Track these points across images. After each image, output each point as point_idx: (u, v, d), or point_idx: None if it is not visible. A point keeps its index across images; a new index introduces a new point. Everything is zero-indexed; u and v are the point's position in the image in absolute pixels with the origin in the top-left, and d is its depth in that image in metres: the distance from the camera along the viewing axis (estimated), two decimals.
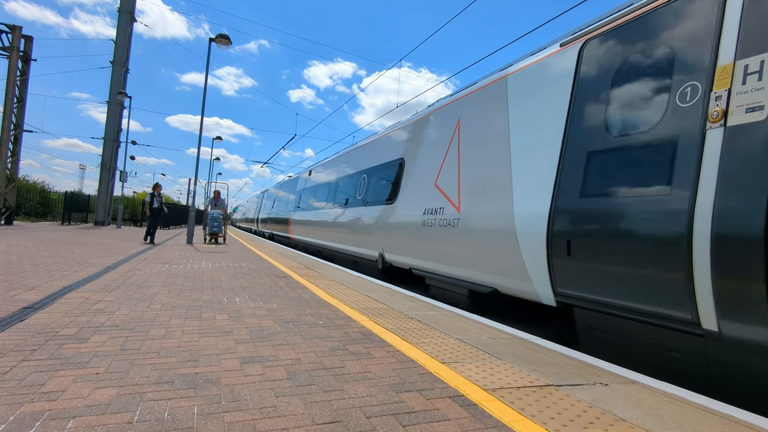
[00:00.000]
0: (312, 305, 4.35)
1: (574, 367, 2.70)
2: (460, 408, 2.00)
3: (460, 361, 2.71)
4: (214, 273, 6.50)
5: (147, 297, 4.32)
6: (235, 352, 2.69)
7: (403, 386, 2.24)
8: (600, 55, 3.95)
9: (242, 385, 2.15)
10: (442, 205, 5.94)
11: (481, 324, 3.87)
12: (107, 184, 22.47)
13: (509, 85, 5.08)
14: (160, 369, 2.31)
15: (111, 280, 5.19)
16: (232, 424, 1.72)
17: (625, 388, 2.38)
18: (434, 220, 6.04)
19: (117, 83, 22.07)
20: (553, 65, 4.48)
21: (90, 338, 2.81)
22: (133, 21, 22.63)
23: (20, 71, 18.16)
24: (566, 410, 2.02)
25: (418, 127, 7.38)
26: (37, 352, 2.48)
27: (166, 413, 1.79)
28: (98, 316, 3.39)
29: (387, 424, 1.79)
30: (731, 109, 2.79)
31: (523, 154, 4.58)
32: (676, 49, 3.27)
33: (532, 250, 4.14)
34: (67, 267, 6.11)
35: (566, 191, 3.90)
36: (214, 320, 3.50)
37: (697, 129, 2.97)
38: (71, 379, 2.09)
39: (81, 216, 26.31)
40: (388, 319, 3.85)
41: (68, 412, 1.74)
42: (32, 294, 4.08)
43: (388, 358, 2.71)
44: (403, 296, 5.24)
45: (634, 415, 2.00)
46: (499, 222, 4.68)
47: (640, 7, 3.65)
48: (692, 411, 2.08)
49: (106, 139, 22.37)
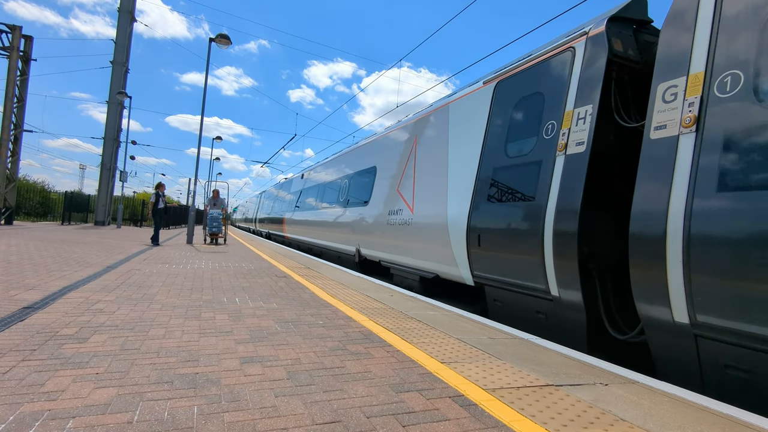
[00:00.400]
0: (312, 305, 4.35)
1: (574, 368, 2.70)
2: (460, 408, 2.00)
3: (460, 361, 2.71)
4: (214, 273, 6.50)
5: (147, 297, 4.32)
6: (234, 352, 2.69)
7: (403, 386, 2.24)
8: (504, 94, 5.20)
9: (242, 384, 2.15)
10: (401, 207, 7.22)
11: (481, 324, 3.88)
12: (107, 184, 22.47)
13: (450, 112, 6.28)
14: (159, 369, 2.31)
15: (111, 280, 5.19)
16: (232, 424, 1.72)
17: (624, 388, 2.38)
18: (395, 220, 7.34)
19: (117, 83, 22.07)
20: (478, 98, 5.67)
21: (90, 338, 2.80)
22: (133, 21, 22.63)
23: (20, 71, 18.16)
24: (566, 410, 2.02)
25: (388, 140, 8.58)
26: (37, 351, 2.48)
27: (165, 413, 1.79)
28: (98, 316, 3.40)
29: (387, 424, 1.79)
30: (569, 143, 4.03)
31: (456, 168, 5.82)
32: (545, 96, 4.51)
33: (458, 242, 5.38)
34: (67, 267, 6.11)
35: (479, 197, 5.16)
36: (214, 320, 3.50)
37: (553, 155, 4.18)
38: (71, 379, 2.09)
39: (81, 216, 26.31)
40: (388, 319, 3.85)
41: (68, 412, 1.74)
42: (32, 294, 4.08)
43: (388, 358, 2.71)
44: (403, 296, 5.24)
45: (634, 415, 2.00)
46: (438, 221, 5.92)
47: (527, 62, 4.92)
48: (692, 411, 2.08)
49: (106, 139, 22.37)
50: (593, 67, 3.98)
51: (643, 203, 3.16)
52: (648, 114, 3.32)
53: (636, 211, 3.18)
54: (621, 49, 3.96)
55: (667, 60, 3.28)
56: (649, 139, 3.25)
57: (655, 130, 3.23)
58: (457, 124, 6.03)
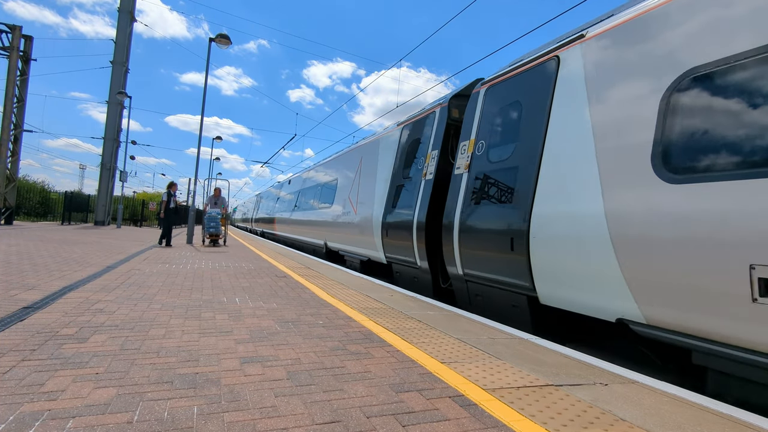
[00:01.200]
0: (312, 305, 4.35)
1: (574, 367, 2.70)
2: (460, 408, 2.00)
3: (459, 361, 2.71)
4: (214, 273, 6.51)
5: (147, 297, 4.32)
6: (234, 351, 2.69)
7: (403, 386, 2.24)
8: (403, 135, 7.68)
9: (242, 384, 2.15)
10: (350, 210, 9.76)
11: (481, 324, 3.88)
12: (107, 183, 22.47)
13: (380, 143, 8.79)
14: (159, 369, 2.31)
15: (111, 280, 5.19)
16: (232, 424, 1.72)
17: (624, 388, 2.38)
18: (346, 219, 9.94)
19: (117, 83, 22.07)
20: (393, 135, 8.18)
21: (90, 338, 2.80)
22: (133, 21, 22.63)
23: (20, 71, 18.16)
24: (566, 410, 2.02)
25: (347, 157, 11.17)
26: (37, 351, 2.48)
27: (165, 413, 1.78)
28: (98, 316, 3.39)
29: (387, 424, 1.79)
30: (427, 173, 6.40)
31: (380, 183, 8.23)
32: (421, 140, 6.91)
33: (377, 235, 7.78)
34: (67, 267, 6.11)
35: (389, 203, 7.53)
36: (213, 320, 3.50)
37: (421, 180, 6.52)
38: (71, 379, 2.09)
39: (81, 216, 26.31)
40: (388, 319, 3.85)
41: (68, 412, 1.74)
42: (32, 294, 4.08)
43: (388, 358, 2.71)
44: (403, 296, 5.24)
45: (634, 414, 2.00)
46: (369, 219, 8.30)
47: (417, 116, 7.34)
48: (692, 411, 2.08)
49: (106, 138, 22.38)
50: (441, 126, 6.38)
51: (448, 208, 5.36)
52: (455, 158, 5.56)
53: (445, 213, 5.40)
54: (456, 116, 6.31)
55: (464, 129, 5.55)
56: (454, 174, 5.47)
57: (456, 168, 5.46)
58: (383, 151, 8.51)
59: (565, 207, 3.69)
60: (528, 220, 4.02)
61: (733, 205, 2.47)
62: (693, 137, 2.81)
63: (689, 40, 2.95)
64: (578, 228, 3.50)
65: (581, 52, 3.89)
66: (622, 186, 3.19)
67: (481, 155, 5.03)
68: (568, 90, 3.95)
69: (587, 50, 3.83)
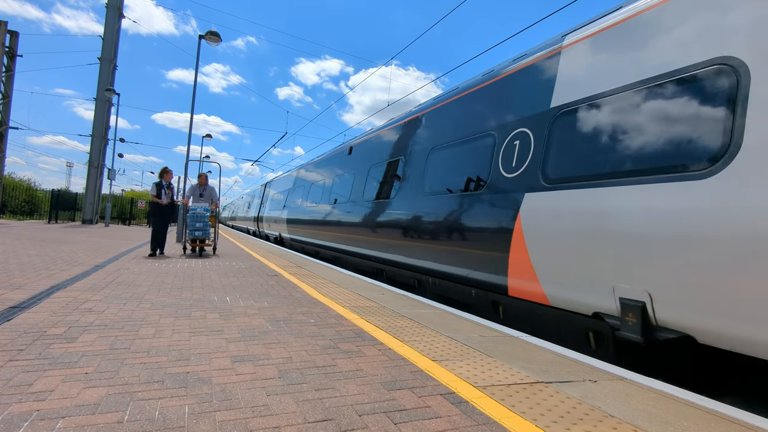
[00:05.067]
0: (303, 304, 4.35)
1: (564, 365, 2.74)
2: (451, 405, 2.01)
3: (451, 359, 2.73)
4: (204, 271, 6.46)
5: (136, 296, 4.28)
6: (226, 350, 2.68)
7: (395, 384, 2.25)
8: (304, 173, 14.91)
9: (233, 383, 2.14)
10: (284, 211, 15.99)
11: (472, 322, 3.90)
12: (95, 181, 22.18)
13: (294, 175, 15.84)
14: (150, 368, 2.30)
15: (99, 279, 5.13)
16: (224, 423, 1.71)
17: (613, 384, 2.41)
18: (283, 217, 15.73)
19: (105, 80, 21.78)
20: (287, 176, 17.74)
21: (78, 337, 2.77)
22: (121, 17, 22.33)
23: (6, 67, 17.83)
24: (556, 407, 2.05)
25: (286, 179, 17.55)
26: (25, 351, 2.45)
27: (156, 412, 1.78)
28: (87, 316, 3.36)
29: (379, 422, 1.80)
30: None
31: (288, 198, 15.82)
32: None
33: (284, 223, 15.40)
34: (55, 266, 6.03)
35: (287, 209, 15.53)
36: (204, 319, 3.48)
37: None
38: (60, 379, 2.07)
39: (68, 214, 25.93)
40: (380, 318, 3.86)
41: (57, 412, 1.73)
42: (19, 293, 4.02)
43: (379, 356, 2.72)
44: (395, 294, 5.25)
45: (623, 411, 2.04)
46: (281, 216, 16.20)
47: (284, 174, 18.82)
48: (678, 406, 2.12)
49: (93, 136, 22.07)
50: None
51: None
52: None
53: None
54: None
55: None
56: None
57: None
58: (286, 182, 15.34)
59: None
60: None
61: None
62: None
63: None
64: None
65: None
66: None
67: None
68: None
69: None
